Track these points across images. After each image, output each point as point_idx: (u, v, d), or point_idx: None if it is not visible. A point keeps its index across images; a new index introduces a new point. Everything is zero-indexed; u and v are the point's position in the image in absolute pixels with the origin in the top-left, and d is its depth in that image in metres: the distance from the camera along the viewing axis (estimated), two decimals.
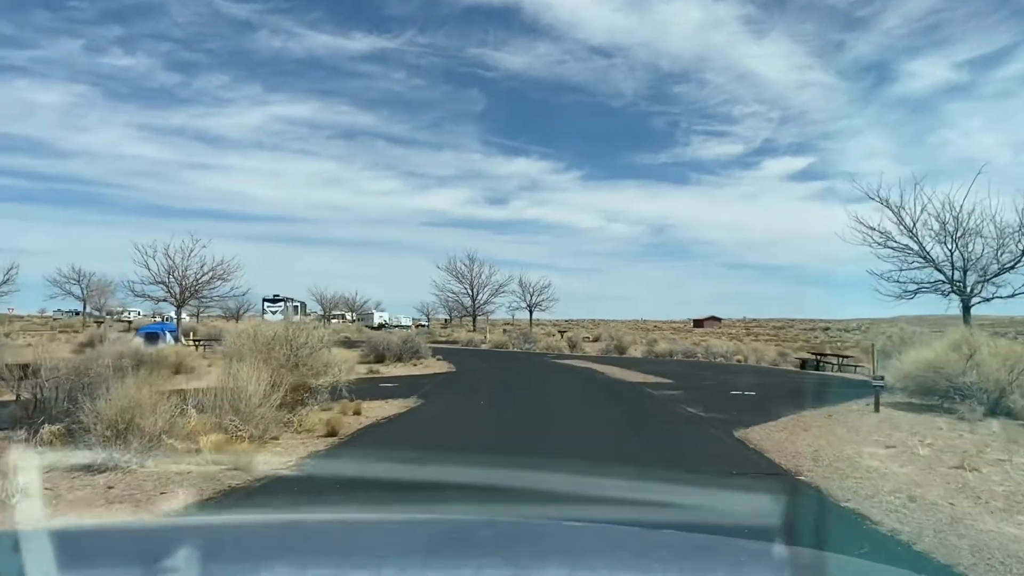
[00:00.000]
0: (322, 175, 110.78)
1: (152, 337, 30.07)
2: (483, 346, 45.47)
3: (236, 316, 76.74)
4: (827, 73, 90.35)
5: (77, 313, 73.43)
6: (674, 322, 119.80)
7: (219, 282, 28.63)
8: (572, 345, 40.56)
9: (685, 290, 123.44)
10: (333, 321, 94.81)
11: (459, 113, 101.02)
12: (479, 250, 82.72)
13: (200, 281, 28.38)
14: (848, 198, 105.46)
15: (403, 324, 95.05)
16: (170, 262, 28.17)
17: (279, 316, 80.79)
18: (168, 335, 31.41)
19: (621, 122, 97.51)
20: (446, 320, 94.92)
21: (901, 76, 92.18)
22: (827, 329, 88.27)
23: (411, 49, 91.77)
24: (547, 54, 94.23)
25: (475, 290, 64.67)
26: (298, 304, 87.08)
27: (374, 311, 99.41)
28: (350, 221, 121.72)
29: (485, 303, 64.83)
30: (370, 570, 1.39)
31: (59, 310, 78.14)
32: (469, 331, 59.10)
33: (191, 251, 28.14)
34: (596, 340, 51.67)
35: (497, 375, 23.01)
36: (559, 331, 64.59)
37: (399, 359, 27.52)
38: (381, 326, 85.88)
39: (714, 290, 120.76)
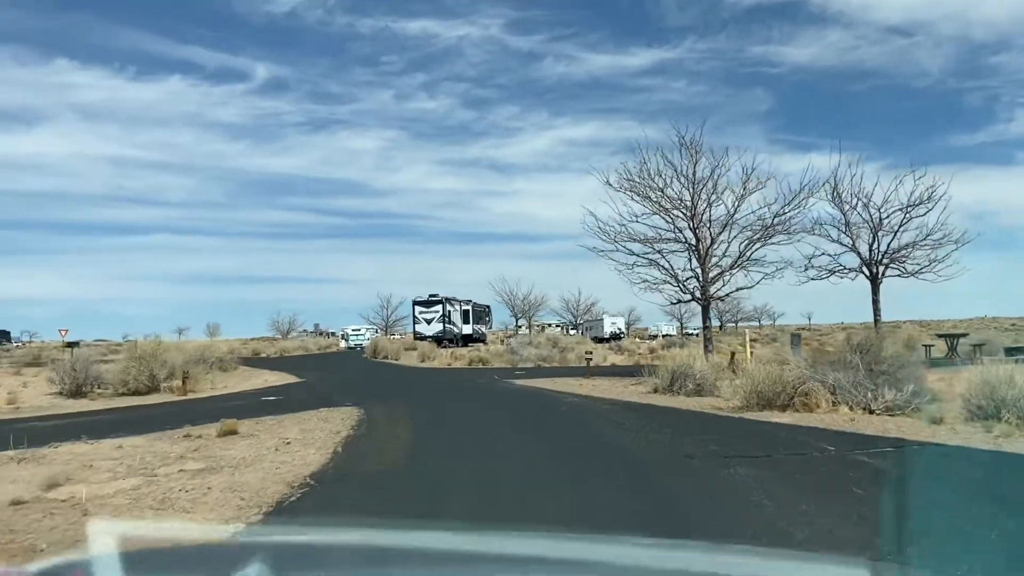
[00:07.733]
0: (603, 192, 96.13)
1: None
2: (725, 399, 12.81)
3: None
4: None
5: None
6: None
7: None
8: None
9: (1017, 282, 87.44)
10: (549, 329, 75.16)
11: (742, 114, 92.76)
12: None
13: None
14: None
15: (664, 333, 73.43)
16: None
17: (435, 327, 54.68)
18: None
19: (926, 104, 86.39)
20: (720, 325, 69.20)
21: None
22: None
23: (690, 56, 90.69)
24: (837, 41, 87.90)
25: (698, 228, 20.11)
26: (470, 308, 59.86)
27: (604, 316, 74.03)
28: (632, 234, 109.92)
29: (750, 260, 19.97)
30: None
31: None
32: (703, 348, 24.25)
33: None
34: None
35: None
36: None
37: None
38: (615, 337, 64.92)
39: None
